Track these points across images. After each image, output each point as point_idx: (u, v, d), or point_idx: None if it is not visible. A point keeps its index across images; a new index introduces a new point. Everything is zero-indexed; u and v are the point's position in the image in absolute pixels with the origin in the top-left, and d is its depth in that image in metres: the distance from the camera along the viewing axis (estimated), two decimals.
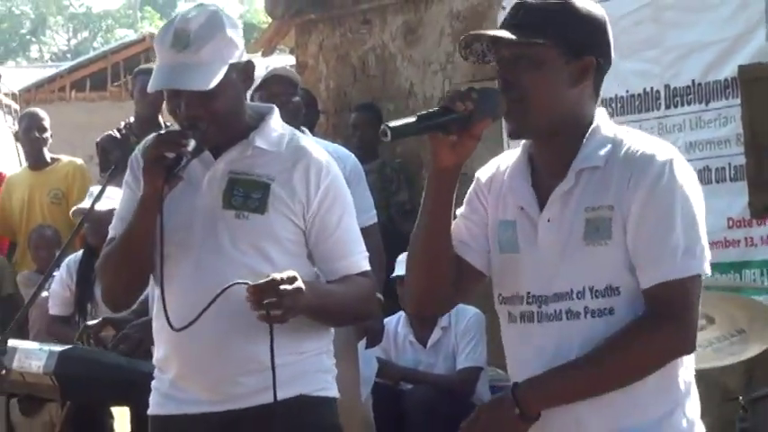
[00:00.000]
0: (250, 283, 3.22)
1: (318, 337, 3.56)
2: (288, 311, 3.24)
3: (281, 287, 3.21)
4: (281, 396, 3.36)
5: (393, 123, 2.74)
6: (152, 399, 3.64)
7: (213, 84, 3.38)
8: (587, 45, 2.85)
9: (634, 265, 2.79)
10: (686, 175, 2.81)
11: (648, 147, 2.82)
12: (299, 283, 3.25)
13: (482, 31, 2.89)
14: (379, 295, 5.80)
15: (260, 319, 3.22)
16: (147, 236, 3.43)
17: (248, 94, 5.71)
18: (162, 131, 3.52)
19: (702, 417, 2.98)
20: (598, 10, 2.89)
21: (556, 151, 2.87)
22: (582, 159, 2.83)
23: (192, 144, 3.35)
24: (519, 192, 2.91)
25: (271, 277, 3.22)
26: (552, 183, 2.85)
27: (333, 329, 3.67)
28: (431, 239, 2.90)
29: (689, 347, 2.81)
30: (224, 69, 3.42)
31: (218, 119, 3.43)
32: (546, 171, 2.89)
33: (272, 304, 3.19)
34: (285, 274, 3.24)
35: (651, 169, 2.77)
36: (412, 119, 2.75)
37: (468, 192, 3.02)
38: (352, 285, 3.54)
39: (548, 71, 2.82)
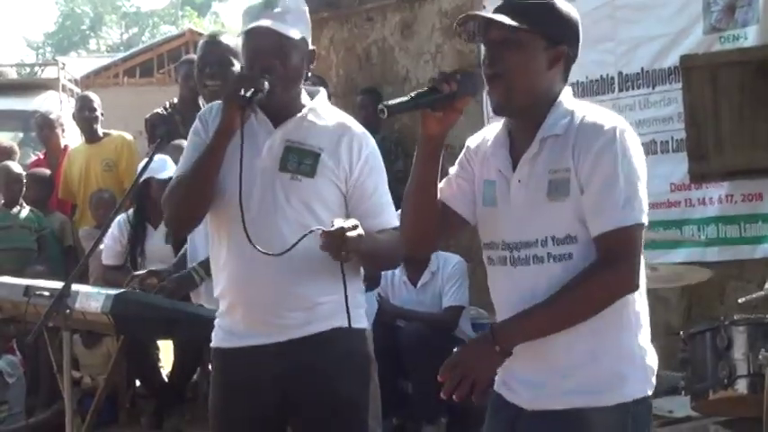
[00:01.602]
0: (324, 229, 3.25)
1: (351, 280, 3.53)
2: (352, 252, 3.27)
3: (348, 234, 3.23)
4: (319, 329, 3.45)
5: (389, 102, 2.77)
6: (215, 335, 3.64)
7: (292, 34, 3.39)
8: (562, 36, 2.89)
9: (585, 218, 2.79)
10: (630, 142, 2.83)
11: (600, 117, 2.85)
12: (360, 230, 3.27)
13: (480, 12, 2.91)
14: None
15: (335, 258, 3.26)
16: (217, 164, 3.40)
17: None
18: (242, 72, 3.48)
19: None
20: (573, 12, 2.93)
21: (527, 124, 2.89)
22: (545, 129, 2.86)
23: (266, 85, 3.32)
24: (498, 157, 2.94)
25: (339, 225, 3.24)
26: (524, 150, 2.88)
27: (362, 273, 3.67)
28: (421, 192, 2.94)
29: (632, 287, 2.81)
30: (299, 36, 3.43)
31: (286, 76, 3.42)
32: (519, 140, 2.91)
33: (340, 247, 3.23)
34: (349, 222, 3.28)
35: (600, 135, 2.80)
36: (405, 98, 2.78)
37: (460, 155, 3.06)
38: (387, 236, 3.53)
39: (529, 53, 2.85)
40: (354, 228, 3.26)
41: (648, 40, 6.95)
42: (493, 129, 3.02)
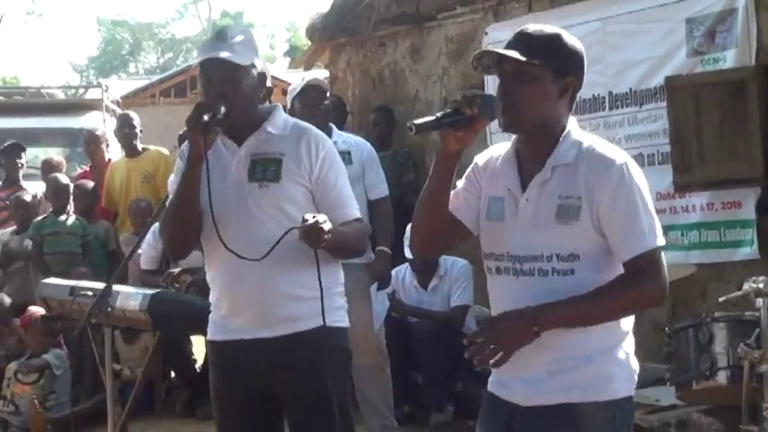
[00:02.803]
0: (299, 228, 3.29)
1: (333, 281, 3.59)
2: (324, 241, 3.31)
3: (320, 225, 3.28)
4: (306, 326, 3.46)
5: (417, 121, 2.76)
6: (209, 328, 3.69)
7: (241, 62, 3.44)
8: (570, 69, 2.89)
9: (611, 247, 2.82)
10: (638, 173, 2.85)
11: (607, 151, 2.86)
12: (329, 224, 3.31)
13: (496, 50, 2.88)
14: (387, 249, 5.79)
15: (312, 246, 3.33)
16: (194, 188, 3.44)
17: (288, 99, 5.68)
18: (199, 101, 3.52)
19: (637, 343, 2.98)
20: (578, 44, 2.94)
21: (536, 148, 2.89)
22: (557, 157, 2.86)
23: (222, 109, 3.37)
24: (507, 176, 2.94)
25: (315, 219, 3.28)
26: (532, 172, 2.88)
27: (343, 276, 3.71)
28: (436, 201, 2.93)
29: (662, 299, 2.85)
30: (248, 62, 3.48)
31: (239, 99, 3.46)
32: (528, 162, 2.91)
33: (319, 235, 3.29)
34: (320, 216, 3.31)
35: (613, 172, 2.80)
36: (431, 118, 2.78)
37: (467, 171, 3.06)
38: (351, 227, 3.58)
39: (540, 85, 2.85)
40: (325, 221, 3.31)
41: (636, 62, 6.93)
42: (500, 148, 3.01)
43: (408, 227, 3.35)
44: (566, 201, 2.82)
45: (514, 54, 2.82)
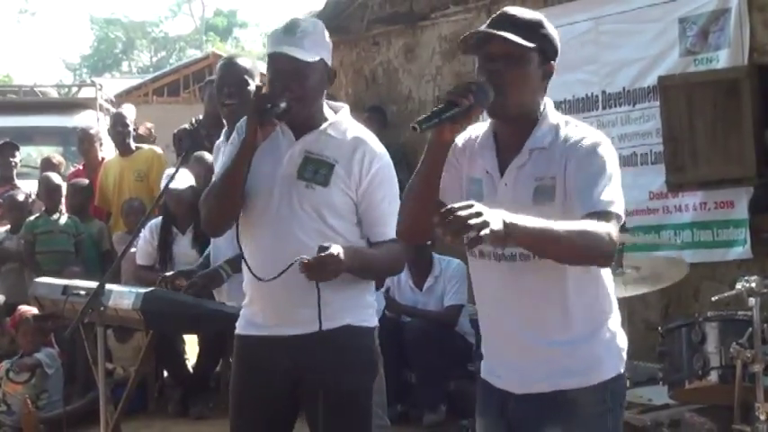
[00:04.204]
0: (304, 260, 3.29)
1: (360, 281, 3.56)
2: (327, 278, 3.31)
3: (326, 263, 3.27)
4: (332, 326, 3.43)
5: (420, 120, 2.72)
6: (239, 322, 3.66)
7: (309, 59, 3.41)
8: (553, 54, 2.88)
9: (572, 204, 2.76)
10: (611, 152, 2.83)
11: (583, 131, 2.86)
12: (341, 255, 3.29)
13: (492, 30, 2.83)
14: None
15: (308, 278, 3.31)
16: (241, 173, 3.41)
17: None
18: (263, 91, 3.47)
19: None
20: (556, 30, 2.92)
21: (515, 131, 2.88)
22: (534, 141, 2.86)
23: (283, 102, 3.34)
24: (486, 158, 2.93)
25: (322, 257, 3.28)
26: (510, 155, 2.88)
27: None
28: (426, 190, 2.89)
29: (608, 254, 2.71)
30: (316, 59, 3.43)
31: (304, 95, 3.43)
32: (505, 144, 2.91)
33: (319, 274, 3.30)
34: (335, 249, 3.30)
35: (585, 143, 2.80)
36: (430, 115, 2.73)
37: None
38: (385, 249, 3.53)
39: (528, 68, 2.83)
40: (337, 255, 3.29)
41: (629, 62, 6.95)
42: (478, 128, 2.99)
43: None
44: (541, 182, 2.82)
45: (511, 36, 2.78)
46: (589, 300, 2.89)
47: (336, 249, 3.31)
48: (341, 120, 3.59)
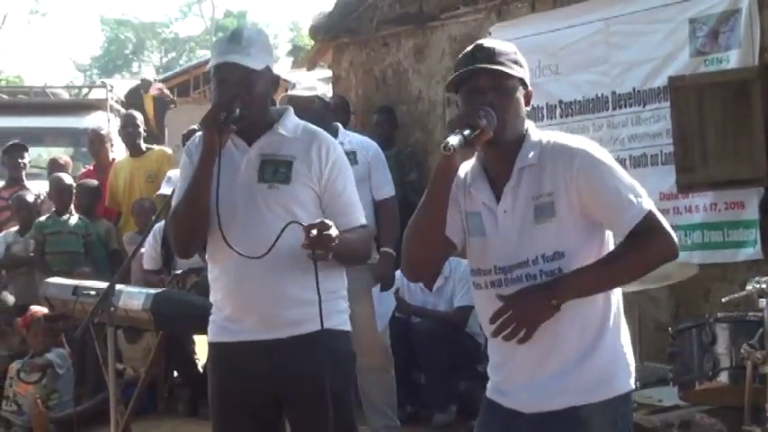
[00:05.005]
0: (304, 224, 3.29)
1: (337, 285, 3.59)
2: (329, 250, 3.31)
3: (326, 232, 3.27)
4: (310, 329, 3.43)
5: (451, 142, 2.70)
6: (210, 330, 3.67)
7: (255, 66, 3.46)
8: (526, 80, 2.94)
9: (608, 227, 2.85)
10: (599, 150, 2.87)
11: (567, 141, 2.89)
12: (335, 230, 3.31)
13: (486, 65, 2.88)
14: (391, 250, 5.78)
15: (309, 258, 3.29)
16: (206, 185, 3.43)
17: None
18: (215, 101, 3.52)
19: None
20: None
21: (503, 158, 2.90)
22: (521, 160, 2.88)
23: (237, 109, 3.40)
24: (481, 190, 2.94)
25: (321, 220, 3.30)
26: (502, 181, 2.90)
27: (346, 279, 3.70)
28: (434, 225, 2.89)
29: (674, 250, 2.85)
30: (262, 66, 3.49)
31: (253, 101, 3.47)
32: (495, 171, 2.93)
33: (317, 245, 3.27)
34: (327, 221, 3.30)
35: (576, 158, 2.82)
36: (459, 137, 2.72)
37: None
38: (356, 234, 3.58)
39: (515, 96, 2.89)
40: (331, 228, 3.30)
41: (639, 62, 6.93)
42: (465, 166, 2.97)
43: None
44: (539, 200, 2.84)
45: (502, 69, 2.85)
46: (600, 316, 2.89)
47: (330, 222, 3.33)
48: (288, 119, 3.65)
